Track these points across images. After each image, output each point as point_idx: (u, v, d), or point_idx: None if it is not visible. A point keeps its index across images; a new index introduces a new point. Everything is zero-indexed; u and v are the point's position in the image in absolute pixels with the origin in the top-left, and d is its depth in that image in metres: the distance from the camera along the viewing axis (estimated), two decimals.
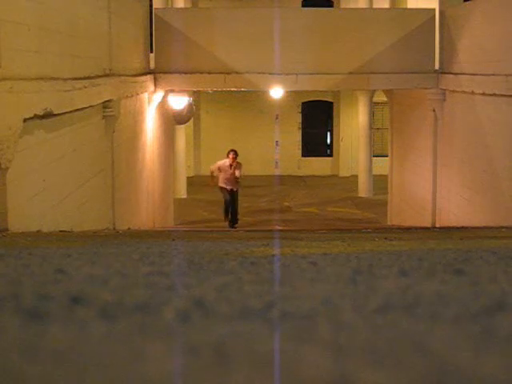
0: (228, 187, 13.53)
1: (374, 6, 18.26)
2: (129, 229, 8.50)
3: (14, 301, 1.64)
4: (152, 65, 11.35)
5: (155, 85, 11.25)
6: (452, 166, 10.89)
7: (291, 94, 19.21)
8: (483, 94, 9.14)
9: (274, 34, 11.29)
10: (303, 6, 22.32)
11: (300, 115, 24.11)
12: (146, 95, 10.78)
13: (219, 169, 13.53)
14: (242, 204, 17.79)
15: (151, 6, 12.52)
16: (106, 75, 7.55)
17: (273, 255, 2.93)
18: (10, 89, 4.47)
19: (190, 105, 14.26)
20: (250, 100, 22.42)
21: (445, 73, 11.05)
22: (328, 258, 2.77)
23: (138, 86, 9.82)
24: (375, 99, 20.15)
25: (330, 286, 1.91)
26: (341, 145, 23.84)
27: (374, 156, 19.64)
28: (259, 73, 11.38)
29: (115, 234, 6.16)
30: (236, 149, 13.70)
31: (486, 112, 9.23)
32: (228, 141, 22.49)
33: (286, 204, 17.96)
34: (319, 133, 24.40)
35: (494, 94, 8.69)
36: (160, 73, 11.33)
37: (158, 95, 11.53)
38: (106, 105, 7.53)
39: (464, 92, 10.03)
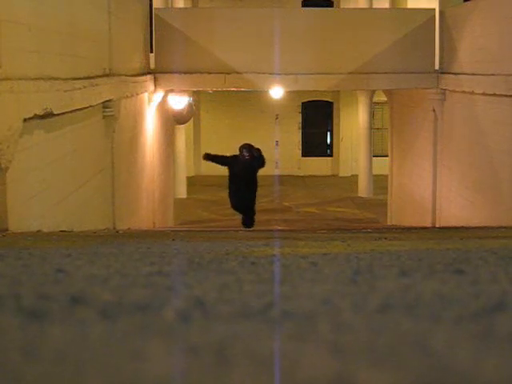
0: None
1: (374, 6, 18.26)
2: (129, 229, 8.50)
3: (14, 301, 1.64)
4: (152, 65, 11.34)
5: (155, 85, 11.25)
6: (452, 166, 10.89)
7: (291, 94, 19.22)
8: (483, 94, 9.14)
9: (274, 33, 11.28)
10: (303, 5, 22.33)
11: (300, 115, 24.11)
12: (145, 95, 10.78)
13: None
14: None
15: (151, 5, 12.51)
16: (106, 75, 7.55)
17: (273, 255, 2.93)
18: (10, 89, 4.47)
19: (190, 105, 14.26)
20: (250, 100, 22.43)
21: (445, 73, 11.05)
22: (328, 258, 2.77)
23: (138, 86, 9.82)
24: (375, 99, 20.15)
25: (330, 286, 1.91)
26: (341, 145, 23.85)
27: (374, 156, 19.65)
28: (259, 73, 11.38)
29: (115, 234, 6.16)
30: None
31: (487, 112, 9.23)
32: (228, 141, 22.49)
33: (286, 204, 17.97)
34: (319, 133, 24.40)
35: (495, 94, 8.69)
36: (160, 73, 11.33)
37: (158, 95, 11.53)
38: (106, 105, 7.52)
39: (464, 92, 10.03)
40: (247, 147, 11.00)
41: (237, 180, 11.07)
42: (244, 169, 10.97)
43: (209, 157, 11.31)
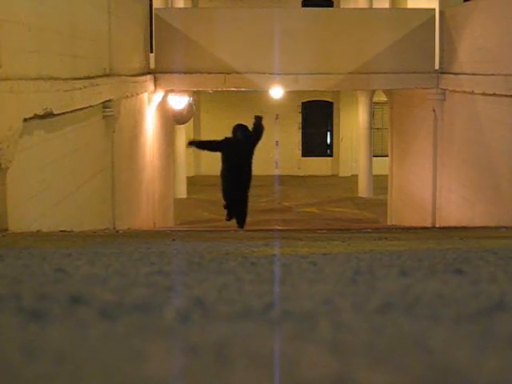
0: None
1: (374, 6, 18.26)
2: (129, 229, 8.50)
3: (14, 301, 1.64)
4: (152, 65, 11.34)
5: (155, 85, 11.25)
6: (452, 166, 10.89)
7: (291, 94, 19.21)
8: (483, 94, 9.14)
9: (274, 33, 11.28)
10: (303, 5, 22.33)
11: (300, 115, 24.11)
12: (145, 95, 10.78)
13: None
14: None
15: (151, 5, 12.51)
16: (106, 75, 7.55)
17: (273, 255, 2.93)
18: (10, 89, 4.47)
19: (190, 105, 14.26)
20: (250, 100, 22.42)
21: (445, 73, 11.05)
22: (328, 258, 2.77)
23: (138, 86, 9.82)
24: (375, 99, 20.15)
25: (330, 286, 1.91)
26: (341, 145, 23.85)
27: (374, 156, 19.65)
28: (259, 73, 11.38)
29: (115, 234, 6.16)
30: None
31: (487, 112, 9.23)
32: None
33: (286, 204, 17.97)
34: (319, 133, 24.41)
35: (495, 94, 8.69)
36: (160, 73, 11.33)
37: (158, 95, 11.53)
38: (106, 105, 7.52)
39: (464, 92, 10.03)
40: (241, 127, 10.34)
41: (230, 166, 10.27)
42: (238, 151, 10.20)
43: (194, 144, 10.61)
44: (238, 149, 10.21)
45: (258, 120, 10.63)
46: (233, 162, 10.26)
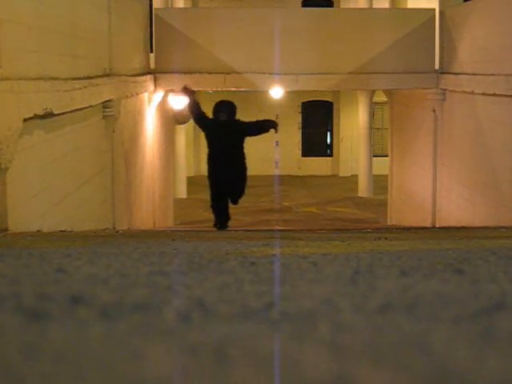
0: None
1: (374, 6, 18.27)
2: (129, 229, 8.49)
3: (14, 301, 1.64)
4: (152, 65, 11.35)
5: (155, 85, 11.25)
6: (452, 166, 10.89)
7: (291, 94, 19.22)
8: (483, 94, 9.14)
9: (274, 33, 11.29)
10: (303, 5, 22.34)
11: (300, 115, 24.12)
12: (145, 95, 10.78)
13: None
14: (243, 204, 17.77)
15: (151, 5, 12.51)
16: (106, 75, 7.55)
17: (273, 255, 2.93)
18: (10, 89, 4.47)
19: None
20: (250, 100, 22.42)
21: (445, 73, 11.05)
22: (328, 258, 2.77)
23: (138, 86, 9.82)
24: (375, 99, 20.15)
25: (330, 286, 1.91)
26: (341, 145, 23.86)
27: (374, 156, 19.66)
28: (259, 73, 11.38)
29: (115, 234, 6.16)
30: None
31: (487, 112, 9.23)
32: None
33: (286, 204, 17.96)
34: (319, 133, 24.42)
35: (495, 94, 8.69)
36: (160, 73, 11.33)
37: (158, 95, 11.53)
38: (106, 105, 7.52)
39: (464, 92, 10.03)
40: (225, 107, 8.42)
41: (215, 152, 8.50)
42: (222, 135, 8.39)
43: (191, 93, 8.64)
44: (222, 132, 8.40)
45: (272, 125, 8.88)
46: (217, 148, 8.49)
